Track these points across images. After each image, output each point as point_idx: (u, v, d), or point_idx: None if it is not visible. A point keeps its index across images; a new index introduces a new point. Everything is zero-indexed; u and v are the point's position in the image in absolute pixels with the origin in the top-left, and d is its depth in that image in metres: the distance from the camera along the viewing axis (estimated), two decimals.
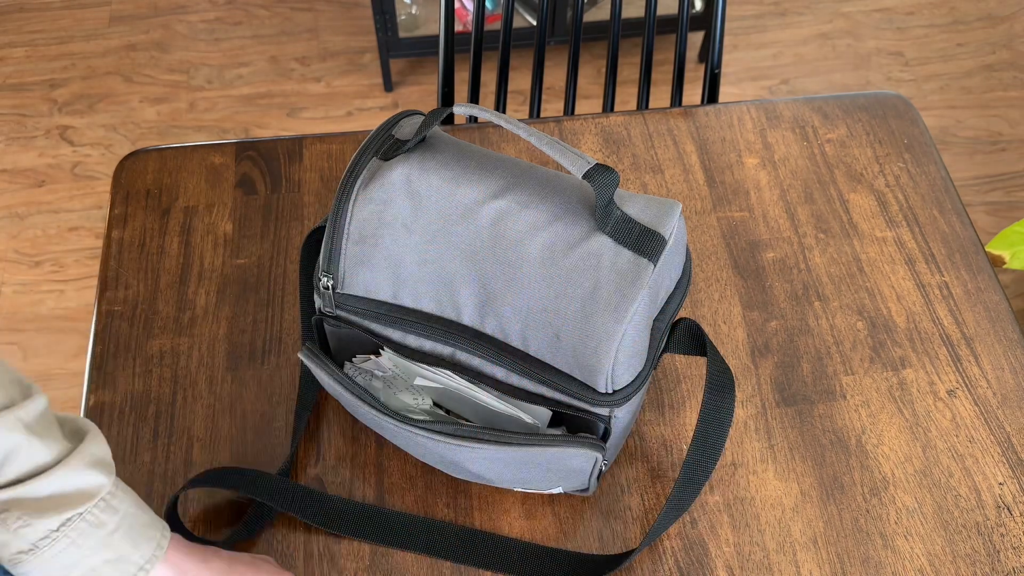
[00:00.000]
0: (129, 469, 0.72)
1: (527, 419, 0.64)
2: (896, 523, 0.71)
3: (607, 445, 0.65)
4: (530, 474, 0.65)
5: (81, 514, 0.53)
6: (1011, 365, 0.79)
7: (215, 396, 0.76)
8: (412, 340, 0.65)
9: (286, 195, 0.88)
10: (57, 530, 0.52)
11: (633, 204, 0.62)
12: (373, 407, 0.63)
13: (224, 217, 0.87)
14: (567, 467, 0.64)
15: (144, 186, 0.89)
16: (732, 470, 0.73)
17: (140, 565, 0.55)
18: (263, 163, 0.90)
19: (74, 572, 0.53)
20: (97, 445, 0.55)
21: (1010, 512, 0.71)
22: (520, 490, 0.70)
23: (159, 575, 0.56)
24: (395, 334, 0.65)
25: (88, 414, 0.75)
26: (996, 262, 1.37)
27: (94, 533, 0.53)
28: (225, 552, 0.62)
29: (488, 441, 0.61)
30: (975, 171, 1.97)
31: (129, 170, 0.90)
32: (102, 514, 0.54)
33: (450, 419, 0.68)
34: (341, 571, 0.68)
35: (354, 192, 0.63)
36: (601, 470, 0.66)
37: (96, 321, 0.80)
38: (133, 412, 0.75)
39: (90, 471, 0.54)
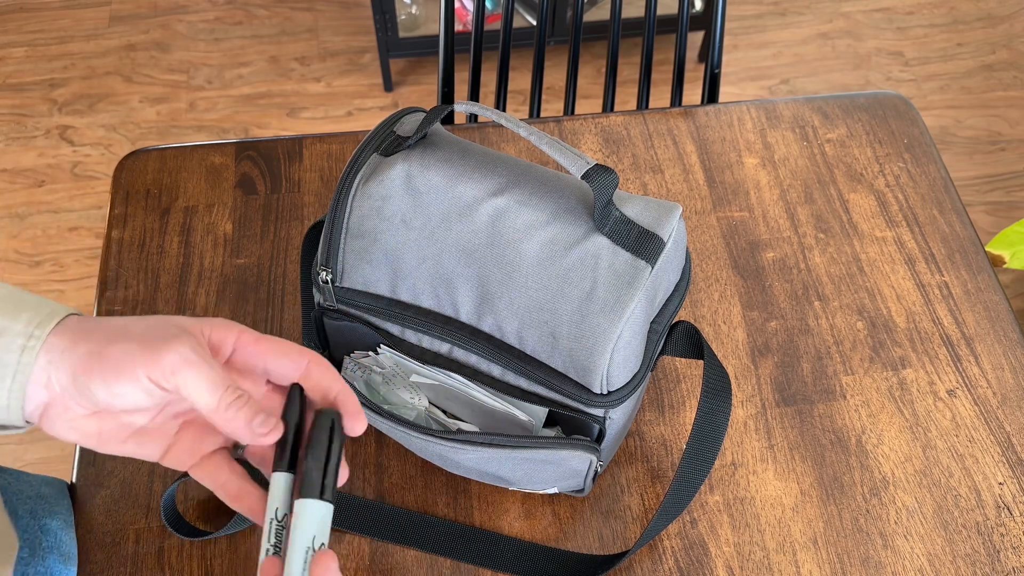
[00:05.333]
0: (129, 469, 0.72)
1: (522, 417, 0.64)
2: (896, 523, 0.71)
3: (602, 447, 0.65)
4: (525, 474, 0.65)
5: None
6: (1011, 365, 0.79)
7: None
8: (411, 335, 0.65)
9: (286, 195, 0.88)
10: None
11: (632, 205, 0.62)
12: (367, 407, 0.63)
13: (224, 217, 0.87)
14: (561, 469, 0.64)
15: (144, 186, 0.89)
16: (732, 470, 0.73)
17: (27, 333, 0.43)
18: (263, 163, 0.90)
19: None
20: None
21: (1010, 512, 0.71)
22: (516, 490, 0.70)
23: (58, 347, 0.43)
24: (394, 328, 0.66)
25: None
26: (996, 262, 1.37)
27: None
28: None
29: (481, 443, 0.61)
30: (975, 171, 1.97)
31: (129, 170, 0.90)
32: None
33: (445, 419, 0.68)
34: (340, 570, 0.67)
35: (354, 187, 0.64)
36: (596, 471, 0.66)
37: None
38: None
39: None
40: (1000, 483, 0.73)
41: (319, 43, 2.15)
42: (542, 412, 0.65)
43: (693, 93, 1.86)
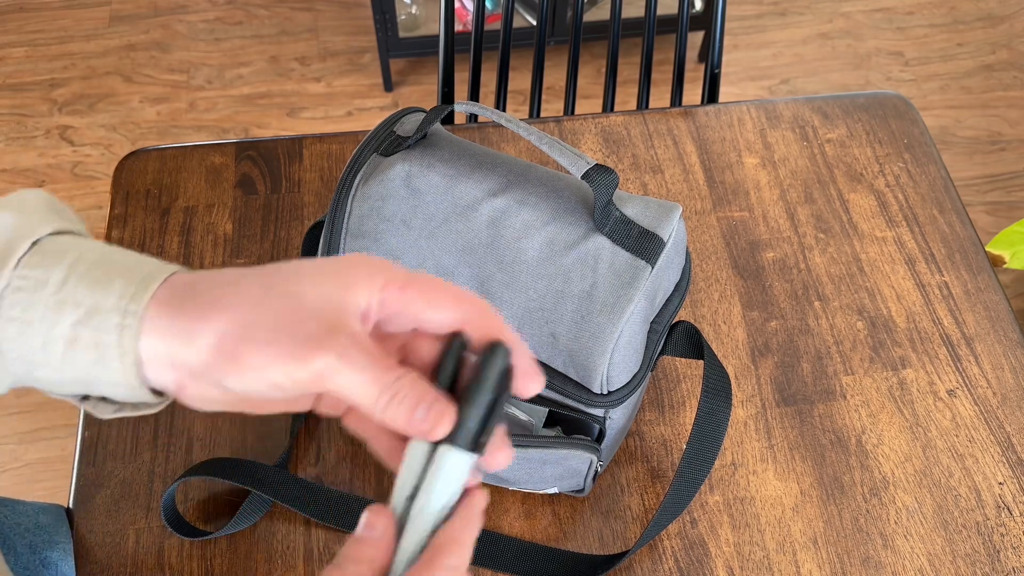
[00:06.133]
0: (129, 469, 0.72)
1: (522, 417, 0.64)
2: (896, 523, 0.71)
3: (602, 446, 0.65)
4: (525, 474, 0.65)
5: (7, 286, 0.36)
6: (1011, 365, 0.79)
7: None
8: None
9: (286, 195, 0.88)
10: None
11: (632, 205, 0.62)
12: None
13: (224, 217, 0.87)
14: (562, 468, 0.64)
15: (144, 186, 0.89)
16: (732, 470, 0.73)
17: (121, 309, 0.36)
18: (263, 163, 0.90)
19: (53, 350, 0.36)
20: (14, 196, 0.38)
21: (1010, 512, 0.71)
22: (516, 489, 0.70)
23: (158, 326, 0.36)
24: None
25: (88, 414, 0.75)
26: (996, 262, 1.37)
27: (38, 297, 0.36)
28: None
29: None
30: (975, 171, 1.97)
31: (129, 170, 0.90)
32: (37, 271, 0.36)
33: None
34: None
35: (354, 187, 0.64)
36: (597, 471, 0.66)
37: None
38: None
39: None
40: (1000, 483, 0.73)
41: (319, 43, 2.15)
42: (542, 412, 0.65)
43: (693, 93, 1.86)
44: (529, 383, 0.38)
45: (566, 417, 0.65)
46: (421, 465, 0.36)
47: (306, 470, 0.72)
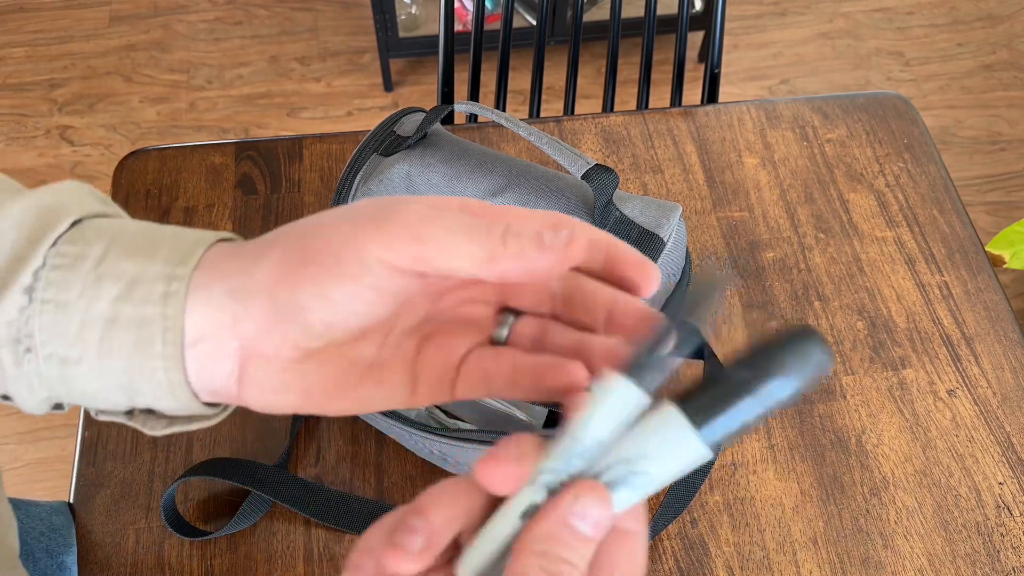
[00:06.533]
0: (129, 469, 0.72)
1: (523, 417, 0.64)
2: (896, 523, 0.71)
3: None
4: None
5: (43, 266, 0.31)
6: (1011, 365, 0.79)
7: None
8: None
9: (286, 195, 0.88)
10: (28, 304, 0.31)
11: (632, 206, 0.62)
12: None
13: (224, 217, 0.87)
14: None
15: (144, 186, 0.89)
16: (732, 470, 0.73)
17: (166, 275, 0.31)
18: (263, 163, 0.90)
19: (90, 337, 0.31)
20: (54, 184, 0.34)
21: (1010, 512, 0.71)
22: None
23: (209, 287, 0.31)
24: None
25: (88, 414, 0.75)
26: (996, 262, 1.37)
27: (75, 275, 0.31)
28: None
29: (481, 442, 0.61)
30: (975, 171, 1.97)
31: (129, 170, 0.90)
32: (76, 246, 0.32)
33: (445, 418, 0.68)
34: (341, 571, 0.67)
35: (354, 187, 0.64)
36: None
37: None
38: None
39: (31, 202, 0.33)
40: (1000, 483, 0.73)
41: (319, 43, 2.15)
42: (542, 412, 0.65)
43: (693, 93, 1.86)
44: (645, 281, 0.31)
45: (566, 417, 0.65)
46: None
47: (306, 470, 0.72)
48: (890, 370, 0.78)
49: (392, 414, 0.63)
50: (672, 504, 0.65)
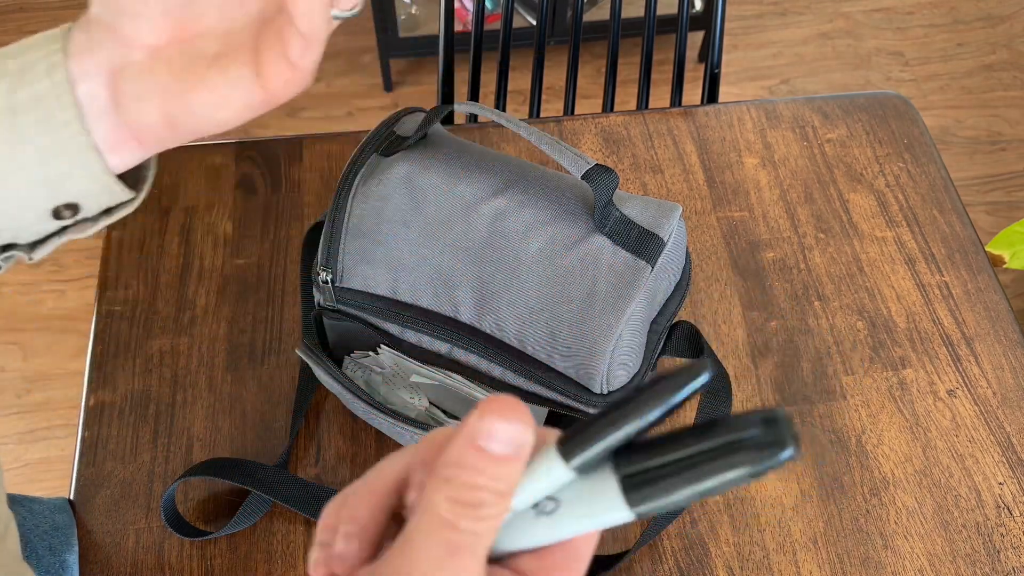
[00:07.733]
0: (129, 469, 0.72)
1: None
2: (896, 523, 0.71)
3: None
4: None
5: None
6: (1011, 365, 0.79)
7: (215, 396, 0.76)
8: (410, 335, 0.65)
9: (286, 195, 0.88)
10: None
11: (632, 205, 0.62)
12: (370, 404, 0.63)
13: (224, 217, 0.87)
14: None
15: None
16: None
17: (43, 56, 0.36)
18: (263, 163, 0.90)
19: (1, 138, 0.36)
20: None
21: (1010, 512, 0.71)
22: None
23: (80, 57, 0.36)
24: (393, 328, 0.66)
25: (88, 414, 0.75)
26: (996, 262, 1.37)
27: None
28: None
29: None
30: (975, 171, 1.97)
31: None
32: None
33: (445, 419, 0.68)
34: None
35: (354, 187, 0.64)
36: None
37: (96, 321, 0.80)
38: (133, 412, 0.75)
39: None
40: (1000, 483, 0.73)
41: None
42: (542, 412, 0.65)
43: (693, 93, 1.86)
44: None
45: (566, 417, 0.65)
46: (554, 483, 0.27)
47: (306, 470, 0.72)
48: (890, 370, 0.78)
49: (392, 413, 0.63)
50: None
